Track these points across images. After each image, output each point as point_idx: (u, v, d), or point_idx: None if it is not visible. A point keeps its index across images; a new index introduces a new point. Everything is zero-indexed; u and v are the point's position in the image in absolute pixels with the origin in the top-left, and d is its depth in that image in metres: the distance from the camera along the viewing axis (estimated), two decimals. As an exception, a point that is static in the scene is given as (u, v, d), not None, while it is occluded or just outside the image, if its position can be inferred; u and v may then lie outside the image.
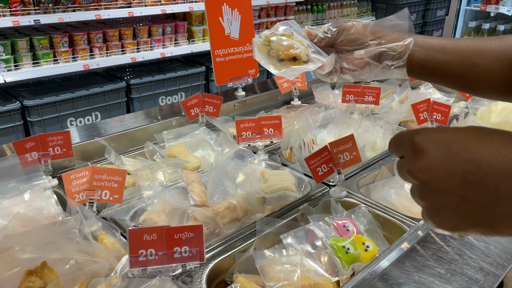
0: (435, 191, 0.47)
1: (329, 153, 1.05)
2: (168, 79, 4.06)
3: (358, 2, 5.92)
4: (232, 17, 1.53)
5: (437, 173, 0.46)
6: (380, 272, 0.80)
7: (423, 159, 0.47)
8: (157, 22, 4.11)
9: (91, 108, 3.67)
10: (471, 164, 0.44)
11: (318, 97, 1.76)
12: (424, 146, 0.47)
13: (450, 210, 0.46)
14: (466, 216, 0.46)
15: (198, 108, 1.39)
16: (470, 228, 0.46)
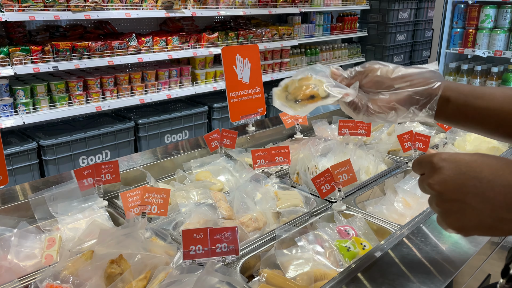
0: (448, 200, 0.61)
1: (331, 174, 1.29)
2: (174, 119, 4.34)
3: (349, 44, 6.37)
4: (244, 65, 1.82)
5: (450, 186, 0.60)
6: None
7: (440, 175, 0.61)
8: (163, 66, 4.45)
9: (101, 147, 3.91)
10: (476, 180, 0.58)
11: (317, 131, 2.03)
12: (440, 165, 0.61)
13: (459, 215, 0.60)
14: (471, 219, 0.59)
15: (217, 141, 1.65)
16: (474, 229, 0.60)
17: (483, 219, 0.59)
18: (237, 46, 1.80)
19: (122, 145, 4.03)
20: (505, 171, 0.57)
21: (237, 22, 5.16)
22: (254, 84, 1.88)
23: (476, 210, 0.59)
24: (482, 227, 0.60)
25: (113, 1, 3.81)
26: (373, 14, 6.24)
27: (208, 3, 4.42)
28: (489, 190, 0.57)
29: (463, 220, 0.60)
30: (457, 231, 0.62)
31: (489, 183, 0.58)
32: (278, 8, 5.05)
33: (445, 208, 0.62)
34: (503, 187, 0.56)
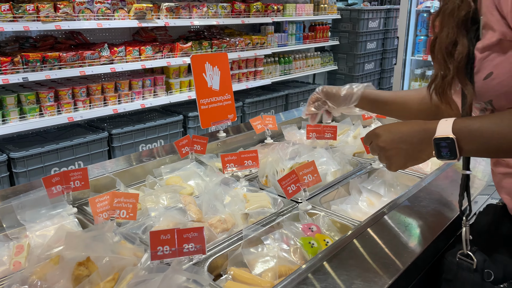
0: (388, 149, 0.99)
1: (296, 175, 1.35)
2: (148, 128, 4.34)
3: (321, 53, 6.52)
4: (213, 73, 1.86)
5: (388, 141, 0.99)
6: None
7: (380, 137, 1.01)
8: (137, 76, 4.45)
9: (74, 158, 3.86)
10: (400, 134, 0.97)
11: (287, 135, 2.09)
12: (379, 132, 1.02)
13: (397, 156, 0.98)
14: (404, 157, 0.97)
15: (188, 147, 1.68)
16: (407, 163, 0.98)
17: (411, 154, 0.96)
18: (206, 54, 1.85)
19: (96, 156, 3.99)
20: (413, 124, 0.96)
21: (210, 31, 5.22)
22: (224, 91, 1.92)
23: (405, 150, 0.96)
24: (411, 159, 0.97)
25: (84, 11, 3.80)
26: (344, 23, 6.42)
27: (181, 13, 4.46)
28: (408, 136, 0.95)
29: (400, 159, 0.98)
30: (399, 167, 1.00)
31: (407, 132, 0.96)
32: (251, 17, 5.14)
33: (388, 155, 1.00)
34: (415, 132, 0.95)
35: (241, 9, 4.99)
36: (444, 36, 0.93)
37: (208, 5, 4.71)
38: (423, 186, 1.46)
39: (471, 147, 0.87)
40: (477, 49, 0.90)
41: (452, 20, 0.92)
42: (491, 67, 0.88)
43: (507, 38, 0.85)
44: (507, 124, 0.82)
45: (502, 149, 0.85)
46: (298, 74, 6.02)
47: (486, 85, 0.90)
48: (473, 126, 0.86)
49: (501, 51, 0.87)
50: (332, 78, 6.80)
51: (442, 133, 0.88)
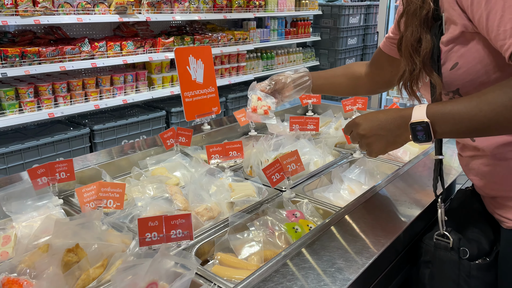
0: (368, 137, 1.07)
1: (280, 164, 1.38)
2: (130, 124, 4.31)
3: (303, 49, 6.58)
4: (197, 66, 1.88)
5: (367, 129, 1.06)
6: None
7: (360, 126, 1.08)
8: (118, 71, 4.42)
9: (55, 155, 3.82)
10: (378, 121, 1.04)
11: (270, 128, 2.12)
12: (359, 121, 1.09)
13: (377, 142, 1.06)
14: (383, 143, 1.05)
15: (173, 139, 1.70)
16: (386, 148, 1.06)
17: (389, 139, 1.04)
18: (190, 47, 1.87)
19: (77, 152, 3.95)
20: (390, 112, 1.04)
21: (192, 27, 5.20)
22: (208, 84, 1.94)
23: (383, 136, 1.04)
24: (390, 145, 1.05)
25: (64, 6, 3.75)
26: (325, 19, 6.49)
27: (162, 8, 4.44)
28: (386, 123, 1.03)
29: (380, 145, 1.06)
30: (380, 152, 1.08)
31: (385, 120, 1.03)
32: (233, 13, 5.15)
33: (368, 142, 1.07)
34: (392, 119, 1.02)
35: (223, 4, 5.00)
36: (409, 34, 1.02)
37: (190, 0, 4.70)
38: (401, 174, 1.51)
39: (444, 129, 0.93)
40: (442, 43, 0.97)
41: (415, 19, 1.00)
42: (456, 57, 0.96)
43: (469, 30, 0.93)
44: (474, 105, 0.88)
45: (472, 128, 0.90)
46: (280, 69, 6.06)
47: (453, 74, 0.98)
48: (445, 110, 0.93)
49: (464, 43, 0.94)
50: (314, 73, 6.85)
51: (418, 118, 0.94)
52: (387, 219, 1.21)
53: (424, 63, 0.99)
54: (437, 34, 0.98)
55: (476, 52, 0.93)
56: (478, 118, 0.88)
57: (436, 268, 1.09)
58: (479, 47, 0.93)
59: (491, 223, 1.13)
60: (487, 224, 1.14)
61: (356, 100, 2.23)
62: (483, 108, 0.87)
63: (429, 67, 0.99)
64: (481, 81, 0.95)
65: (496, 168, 1.05)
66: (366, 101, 2.24)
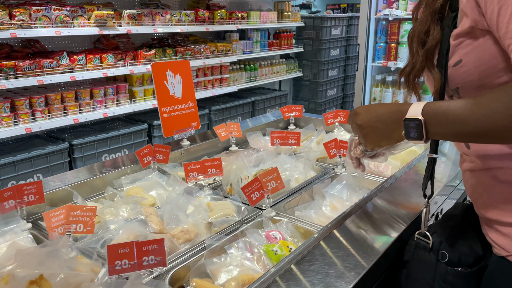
0: (364, 127, 1.01)
1: (260, 182, 1.34)
2: (111, 138, 4.22)
3: (286, 60, 6.60)
4: (175, 81, 1.84)
5: (365, 119, 1.01)
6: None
7: (358, 116, 1.03)
8: (99, 84, 4.33)
9: (33, 171, 3.70)
10: (376, 113, 0.99)
11: (251, 142, 2.09)
12: (358, 111, 1.03)
13: (372, 134, 1.00)
14: (379, 135, 0.99)
15: (150, 156, 1.64)
16: (381, 141, 1.00)
17: (384, 133, 0.98)
18: (167, 62, 1.83)
19: (56, 168, 3.84)
20: (390, 105, 0.98)
21: (175, 39, 5.17)
22: (187, 99, 1.90)
23: (379, 129, 0.98)
24: (385, 138, 0.99)
25: (42, 19, 3.68)
26: (307, 30, 6.53)
27: (143, 20, 4.40)
28: (383, 116, 0.97)
29: (375, 137, 1.00)
30: (374, 145, 1.02)
31: (383, 113, 0.97)
32: (215, 25, 5.14)
33: (364, 133, 1.02)
34: (390, 113, 0.96)
35: (205, 17, 4.98)
36: (418, 24, 0.97)
37: (171, 13, 4.67)
38: (383, 189, 1.49)
39: (437, 130, 0.88)
40: (452, 36, 0.92)
41: (427, 10, 0.96)
42: (461, 54, 0.91)
43: (478, 26, 0.86)
44: (469, 109, 0.83)
45: (465, 132, 0.85)
46: (264, 81, 6.07)
47: (455, 72, 0.92)
48: (440, 109, 0.87)
49: (472, 39, 0.89)
50: (297, 84, 6.89)
51: (412, 114, 0.90)
52: (371, 236, 1.17)
53: (427, 56, 0.95)
54: (450, 26, 0.93)
55: (482, 52, 0.88)
56: (470, 121, 0.82)
57: (413, 268, 1.09)
58: (486, 46, 0.87)
59: (483, 241, 1.08)
60: (477, 241, 1.09)
61: (337, 113, 2.22)
62: (476, 111, 0.81)
63: (431, 61, 0.95)
64: (483, 84, 0.90)
65: (490, 189, 1.00)
66: (347, 113, 2.23)
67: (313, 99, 6.71)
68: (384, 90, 3.53)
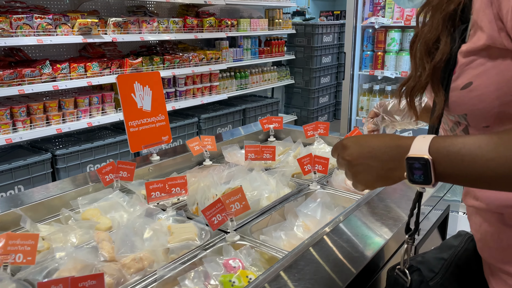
0: (355, 165, 0.84)
1: (222, 204, 1.25)
2: (96, 148, 4.13)
3: (278, 67, 6.54)
4: (144, 93, 1.76)
5: (355, 155, 0.84)
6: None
7: (347, 150, 0.86)
8: (83, 93, 4.25)
9: (13, 182, 3.61)
10: (370, 148, 0.82)
11: (227, 156, 2.00)
12: (347, 144, 0.87)
13: (364, 173, 0.83)
14: (372, 174, 0.82)
15: (112, 174, 1.55)
16: (375, 181, 0.83)
17: (379, 172, 0.81)
18: (134, 74, 1.74)
19: (38, 179, 3.75)
20: (386, 138, 0.82)
21: (163, 47, 5.10)
22: (157, 111, 1.81)
23: (373, 167, 0.81)
24: (380, 179, 0.82)
25: (23, 27, 3.60)
26: (299, 38, 6.48)
27: (129, 28, 4.32)
28: (379, 152, 0.80)
29: (367, 176, 0.83)
30: (366, 186, 0.86)
31: (378, 147, 0.81)
32: (204, 33, 5.07)
33: (354, 171, 0.85)
34: (386, 148, 0.80)
35: (193, 24, 4.92)
36: (426, 31, 0.81)
37: (159, 20, 4.60)
38: (359, 208, 1.40)
39: (448, 172, 0.72)
40: (461, 53, 0.77)
41: (438, 14, 0.79)
42: (472, 76, 0.76)
43: (496, 45, 0.72)
44: (493, 149, 0.67)
45: (485, 177, 0.68)
46: (255, 88, 5.99)
47: (463, 96, 0.78)
48: (453, 148, 0.71)
49: (487, 59, 0.74)
50: (289, 92, 6.82)
51: (417, 152, 0.73)
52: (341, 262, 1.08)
53: (435, 71, 0.80)
54: (457, 40, 0.78)
55: (498, 75, 0.73)
56: (494, 165, 0.66)
57: None
58: (505, 69, 0.72)
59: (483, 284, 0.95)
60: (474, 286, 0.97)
61: (317, 125, 2.13)
62: (504, 153, 0.65)
63: (437, 80, 0.80)
64: (497, 113, 0.75)
65: (497, 232, 0.85)
66: (327, 126, 2.14)
67: (305, 106, 6.64)
68: (371, 99, 3.45)
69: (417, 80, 0.84)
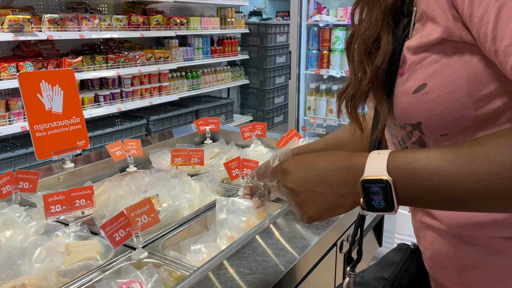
0: (300, 193, 0.70)
1: (126, 218, 1.10)
2: (32, 153, 3.84)
3: (232, 67, 6.42)
4: (53, 93, 1.57)
5: (299, 181, 0.70)
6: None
7: (289, 176, 0.72)
8: (16, 95, 3.94)
9: None
10: (316, 171, 0.69)
11: (155, 162, 1.84)
12: (288, 168, 0.72)
13: (311, 202, 0.69)
14: (321, 203, 0.68)
15: (11, 185, 1.36)
16: (326, 211, 0.69)
17: (330, 200, 0.68)
18: (41, 72, 1.56)
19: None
20: (334, 158, 0.68)
21: (108, 45, 4.84)
22: (70, 114, 1.63)
23: (322, 194, 0.68)
24: (331, 207, 0.68)
25: None
26: (252, 37, 6.39)
27: (67, 25, 4.05)
28: (326, 175, 0.68)
29: (315, 205, 0.69)
30: (315, 217, 0.71)
31: (325, 170, 0.68)
32: (151, 31, 4.86)
33: (300, 200, 0.71)
34: (335, 170, 0.67)
35: (139, 22, 4.70)
36: (364, 29, 0.69)
37: (100, 17, 4.35)
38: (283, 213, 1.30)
39: (414, 194, 0.60)
40: (408, 49, 0.65)
41: (377, 9, 0.67)
42: (425, 76, 0.64)
43: (453, 38, 0.61)
44: (464, 163, 0.56)
45: (458, 198, 0.57)
46: (208, 89, 5.84)
47: (416, 101, 0.65)
48: (417, 164, 0.59)
49: (441, 56, 0.62)
50: (245, 92, 6.72)
51: (373, 173, 0.61)
52: (262, 279, 0.96)
53: (377, 75, 0.68)
54: (400, 37, 0.66)
55: (457, 73, 0.62)
56: (469, 183, 0.55)
57: None
58: (465, 65, 0.61)
59: None
60: None
61: (254, 126, 2.02)
62: (479, 168, 0.54)
63: (380, 85, 0.68)
64: (454, 118, 0.64)
65: (453, 251, 0.73)
66: (265, 126, 2.04)
67: (261, 107, 6.56)
68: (318, 99, 3.39)
69: (357, 86, 0.72)
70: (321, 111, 3.37)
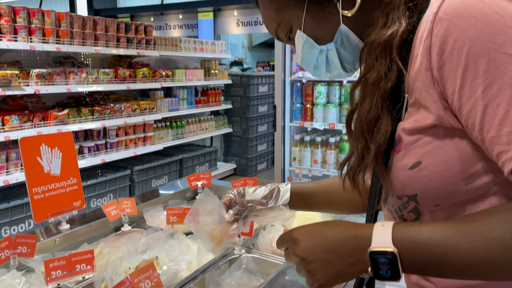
0: (310, 261, 0.74)
1: (130, 283, 1.12)
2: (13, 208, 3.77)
3: (215, 116, 6.56)
4: (52, 156, 1.61)
5: (309, 250, 0.75)
6: None
7: (299, 244, 0.76)
8: (1, 148, 3.91)
9: None
10: (325, 240, 0.74)
11: (149, 220, 1.86)
12: (298, 237, 0.77)
13: (321, 270, 0.74)
14: (331, 271, 0.73)
15: (9, 250, 1.36)
16: (335, 279, 0.73)
17: (339, 268, 0.72)
18: (41, 136, 1.61)
19: None
20: (341, 228, 0.74)
21: (93, 97, 4.92)
22: (67, 175, 1.67)
23: (331, 263, 0.72)
24: (340, 275, 0.73)
25: None
26: (235, 88, 6.60)
27: (55, 79, 4.13)
28: (335, 244, 0.72)
29: (325, 274, 0.73)
30: (325, 284, 0.75)
31: (333, 239, 0.73)
32: (138, 83, 4.98)
33: (310, 269, 0.75)
34: (343, 239, 0.72)
35: (125, 75, 4.82)
36: (367, 110, 0.76)
37: (87, 71, 4.45)
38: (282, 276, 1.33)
39: (418, 265, 0.66)
40: (404, 130, 0.74)
41: (377, 92, 0.75)
42: (420, 155, 0.72)
43: (444, 124, 0.69)
44: (463, 238, 0.62)
45: (457, 269, 0.64)
46: (192, 138, 5.93)
47: (413, 176, 0.73)
48: (419, 237, 0.65)
49: (435, 138, 0.71)
50: (228, 140, 6.83)
51: (380, 245, 0.67)
52: None
53: (379, 152, 0.75)
54: (393, 118, 0.74)
55: (448, 154, 0.70)
56: (467, 256, 0.62)
57: None
58: (453, 148, 0.70)
59: None
60: None
61: (246, 181, 2.08)
62: (475, 244, 0.62)
63: (381, 160, 0.75)
64: (447, 192, 0.72)
65: None
66: (256, 182, 2.10)
67: (244, 154, 6.65)
68: (303, 150, 3.51)
69: (361, 160, 0.79)
70: (306, 161, 3.48)
